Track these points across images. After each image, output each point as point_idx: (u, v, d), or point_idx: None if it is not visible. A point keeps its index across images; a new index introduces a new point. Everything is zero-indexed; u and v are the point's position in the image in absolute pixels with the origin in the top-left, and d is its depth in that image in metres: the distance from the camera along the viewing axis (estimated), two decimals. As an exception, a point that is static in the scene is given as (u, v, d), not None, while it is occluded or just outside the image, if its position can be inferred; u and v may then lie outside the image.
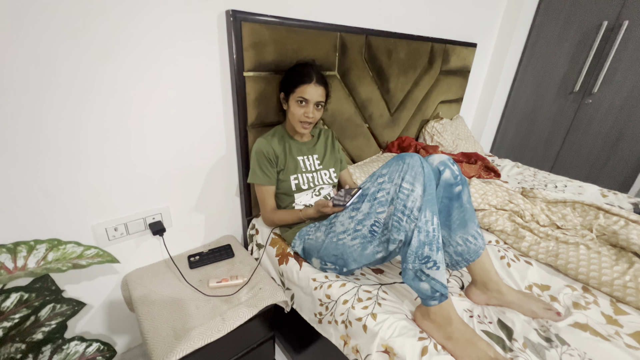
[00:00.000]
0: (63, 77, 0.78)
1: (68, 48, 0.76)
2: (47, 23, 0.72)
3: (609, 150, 2.20)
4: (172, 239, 1.14)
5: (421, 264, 0.76)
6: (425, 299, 0.78)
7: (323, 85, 1.04)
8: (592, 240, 1.07)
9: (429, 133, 1.97)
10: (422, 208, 0.76)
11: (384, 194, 0.81)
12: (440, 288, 0.76)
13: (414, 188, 0.77)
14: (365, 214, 0.84)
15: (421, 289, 0.77)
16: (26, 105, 0.75)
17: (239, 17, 0.97)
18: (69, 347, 0.70)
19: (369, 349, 0.78)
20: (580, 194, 1.58)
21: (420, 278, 0.77)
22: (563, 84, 2.28)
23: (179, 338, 0.84)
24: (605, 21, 2.00)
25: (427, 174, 0.78)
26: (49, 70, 0.76)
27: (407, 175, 0.78)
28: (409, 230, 0.77)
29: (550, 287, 0.95)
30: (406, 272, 0.79)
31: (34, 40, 0.72)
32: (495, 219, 1.21)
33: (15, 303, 0.51)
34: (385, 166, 0.84)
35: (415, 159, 0.80)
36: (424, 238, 0.76)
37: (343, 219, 0.89)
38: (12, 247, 0.63)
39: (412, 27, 1.63)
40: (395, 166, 0.81)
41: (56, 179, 0.84)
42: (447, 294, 0.77)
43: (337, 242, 0.90)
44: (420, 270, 0.76)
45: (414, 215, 0.76)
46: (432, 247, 0.76)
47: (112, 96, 0.86)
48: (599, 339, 0.77)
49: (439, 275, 0.76)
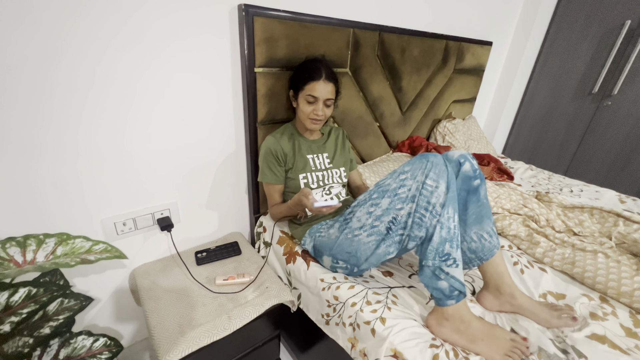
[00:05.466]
0: (75, 74, 0.77)
1: (80, 45, 0.76)
2: (60, 21, 0.72)
3: (627, 155, 2.13)
4: (180, 235, 1.13)
5: (441, 261, 0.76)
6: (442, 299, 0.77)
7: (333, 81, 1.01)
8: (611, 249, 1.03)
9: (441, 133, 1.93)
10: (445, 204, 0.76)
11: (404, 191, 0.80)
12: (459, 286, 0.75)
13: (438, 185, 0.77)
14: (385, 209, 0.82)
15: (439, 288, 0.76)
16: (38, 101, 0.75)
17: (251, 11, 0.96)
18: (76, 342, 0.70)
19: (377, 353, 0.76)
20: (597, 199, 1.52)
21: (439, 276, 0.76)
22: (581, 84, 2.21)
23: (185, 335, 0.83)
24: (628, 20, 1.92)
25: (450, 173, 0.79)
26: (60, 67, 0.75)
27: (431, 173, 0.77)
28: (431, 225, 0.77)
29: (566, 296, 0.92)
30: (424, 271, 0.78)
31: (46, 37, 0.71)
32: (509, 223, 1.18)
33: (23, 298, 0.51)
34: (408, 164, 0.83)
35: (439, 158, 0.80)
36: (446, 234, 0.76)
37: (361, 214, 0.87)
38: (22, 240, 0.63)
39: (426, 24, 1.59)
40: (419, 164, 0.80)
41: (66, 173, 0.84)
42: (465, 291, 0.76)
43: (352, 238, 0.89)
44: (440, 268, 0.76)
45: (436, 211, 0.76)
46: (453, 244, 0.76)
47: (122, 92, 0.86)
48: (617, 352, 0.74)
49: (457, 273, 0.75)
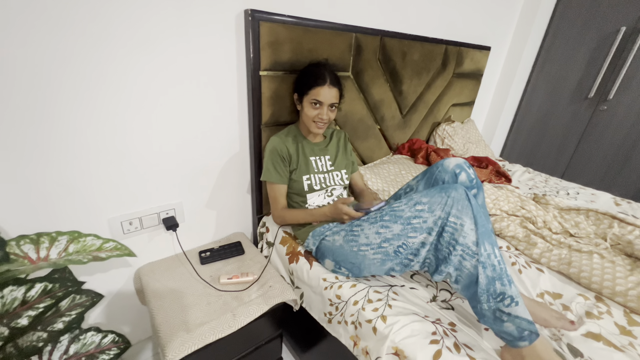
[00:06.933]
0: (85, 76, 0.79)
1: (89, 47, 0.78)
2: (71, 23, 0.74)
3: (623, 158, 2.17)
4: (184, 235, 1.15)
5: (497, 303, 0.71)
6: (512, 341, 0.71)
7: (337, 86, 1.04)
8: (606, 250, 1.06)
9: (440, 136, 1.96)
10: (478, 242, 0.73)
11: (419, 222, 0.79)
12: (528, 326, 0.69)
13: (463, 222, 0.74)
14: (395, 234, 0.82)
15: (507, 331, 0.71)
16: (49, 102, 0.77)
17: (257, 16, 0.98)
18: (85, 338, 0.72)
19: (379, 351, 0.78)
20: (592, 202, 1.55)
21: (502, 319, 0.71)
22: (578, 89, 2.25)
23: (191, 332, 0.85)
24: (623, 27, 1.97)
25: (475, 206, 0.75)
26: (72, 69, 0.77)
27: (453, 210, 0.75)
28: (471, 267, 0.73)
29: (563, 296, 0.94)
30: (484, 315, 0.74)
31: (57, 39, 0.73)
32: (507, 225, 1.20)
33: (39, 293, 0.53)
34: (426, 195, 0.81)
35: (460, 191, 0.77)
36: (491, 273, 0.71)
37: (369, 232, 0.87)
38: (35, 237, 0.65)
39: (427, 29, 1.63)
40: (438, 197, 0.78)
41: (76, 173, 0.86)
42: (537, 331, 0.69)
43: (357, 251, 0.90)
44: (499, 309, 0.71)
45: (472, 251, 0.73)
46: (504, 281, 0.71)
47: (130, 94, 0.88)
48: (612, 349, 0.77)
49: (520, 312, 0.70)
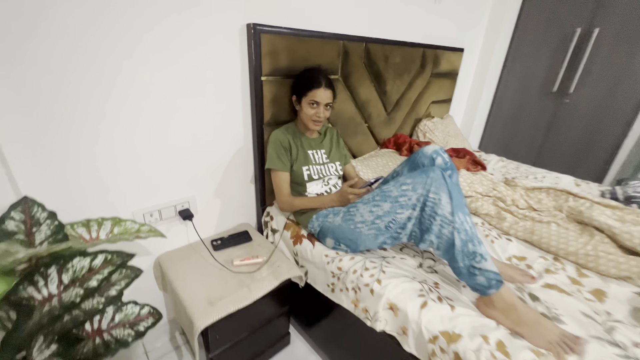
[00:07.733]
0: (117, 87, 0.92)
1: (116, 59, 0.90)
2: (110, 37, 0.87)
3: (585, 146, 2.41)
4: (197, 226, 1.27)
5: (470, 260, 0.85)
6: (483, 290, 0.84)
7: (331, 88, 1.19)
8: (562, 219, 1.25)
9: (422, 131, 2.14)
10: (453, 212, 0.87)
11: (405, 200, 0.93)
12: (494, 276, 0.83)
13: (441, 197, 0.88)
14: (386, 212, 0.96)
15: (479, 283, 0.85)
16: (88, 110, 0.89)
17: (258, 29, 1.12)
18: (127, 308, 0.84)
19: (376, 307, 0.93)
20: (556, 184, 1.76)
21: (474, 273, 0.85)
22: (544, 85, 2.48)
23: (214, 305, 0.98)
24: (578, 28, 2.20)
25: (450, 183, 0.90)
26: (103, 78, 0.89)
27: (432, 187, 0.89)
28: (448, 233, 0.87)
29: (527, 258, 1.12)
30: (460, 272, 0.88)
31: (96, 50, 0.86)
32: (481, 204, 1.38)
33: (102, 262, 0.65)
34: (410, 177, 0.95)
35: (437, 172, 0.91)
36: (464, 236, 0.86)
37: (363, 211, 1.01)
38: (86, 222, 0.77)
39: (406, 35, 1.81)
40: (419, 178, 0.92)
41: (108, 169, 0.98)
42: (501, 279, 0.83)
43: (354, 229, 1.04)
44: (471, 266, 0.85)
45: (448, 220, 0.87)
46: (474, 242, 0.85)
47: (149, 100, 1.00)
48: (564, 294, 0.94)
49: (489, 266, 0.84)
